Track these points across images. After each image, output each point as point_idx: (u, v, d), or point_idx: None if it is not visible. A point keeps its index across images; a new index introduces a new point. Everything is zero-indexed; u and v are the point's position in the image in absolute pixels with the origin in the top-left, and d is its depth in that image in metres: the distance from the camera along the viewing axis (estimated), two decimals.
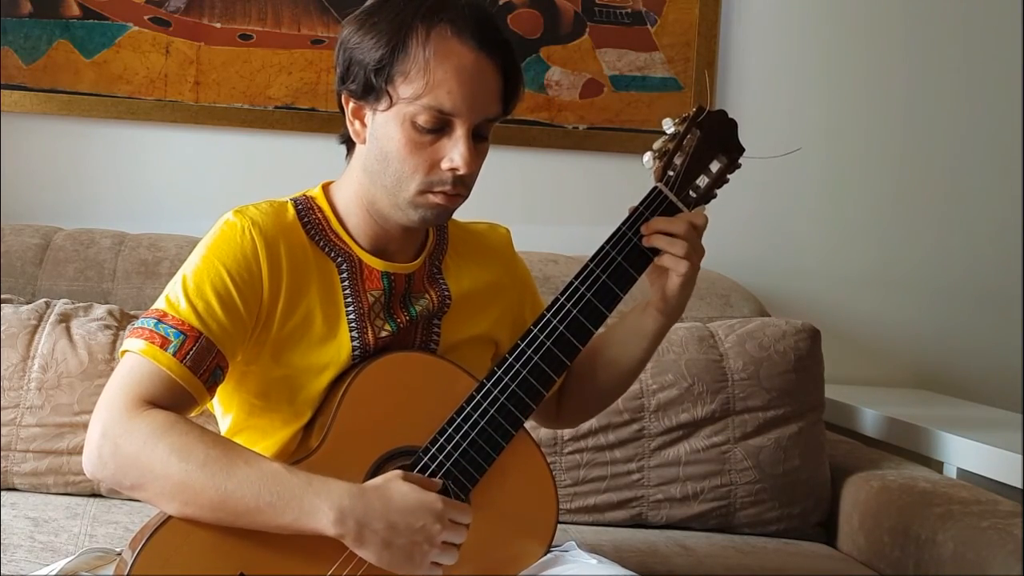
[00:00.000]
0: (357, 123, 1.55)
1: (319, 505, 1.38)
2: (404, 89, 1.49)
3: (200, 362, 1.46)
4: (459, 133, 1.50)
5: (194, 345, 1.46)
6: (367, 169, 1.55)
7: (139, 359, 1.46)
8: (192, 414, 1.51)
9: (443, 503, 1.43)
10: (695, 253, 1.59)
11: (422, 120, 1.50)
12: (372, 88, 1.50)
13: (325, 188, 1.64)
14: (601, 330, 1.60)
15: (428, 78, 1.48)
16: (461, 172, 1.51)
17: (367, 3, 1.56)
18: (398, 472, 1.45)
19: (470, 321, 1.65)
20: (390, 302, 1.59)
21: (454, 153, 1.50)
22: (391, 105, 1.50)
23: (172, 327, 1.47)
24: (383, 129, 1.52)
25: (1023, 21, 2.95)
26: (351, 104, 1.54)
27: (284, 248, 1.54)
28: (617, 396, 1.79)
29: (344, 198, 1.60)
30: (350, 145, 1.61)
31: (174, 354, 1.45)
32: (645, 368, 2.24)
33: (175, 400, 1.46)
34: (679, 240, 1.56)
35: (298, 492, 1.39)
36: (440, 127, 1.50)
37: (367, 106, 1.53)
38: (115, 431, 1.42)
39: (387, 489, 1.41)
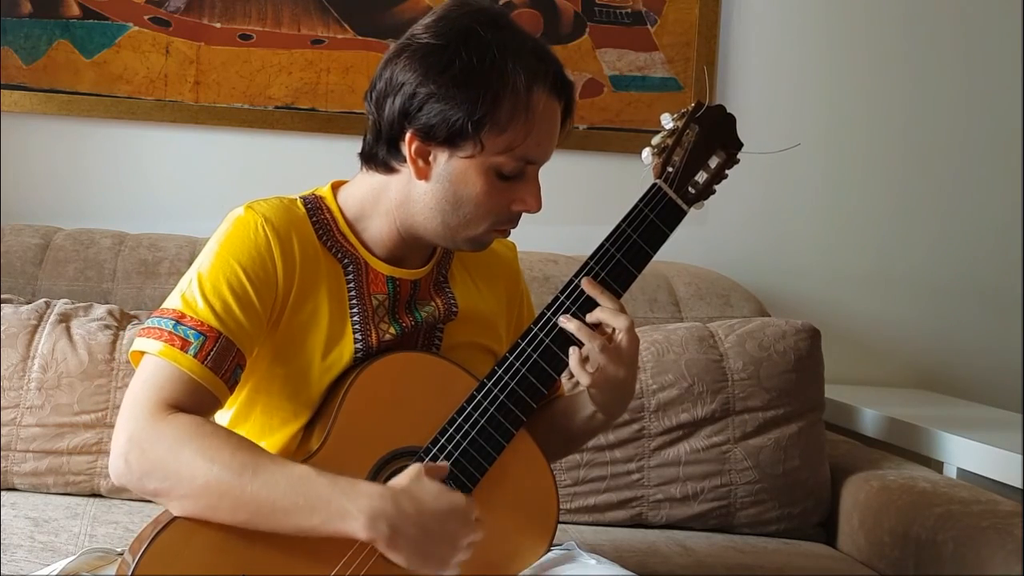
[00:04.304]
0: (420, 161, 1.52)
1: (348, 508, 1.38)
2: (495, 140, 1.49)
3: (221, 362, 1.46)
4: (533, 176, 1.54)
5: (214, 346, 1.46)
6: (427, 205, 1.53)
7: (160, 362, 1.46)
8: (215, 414, 1.51)
9: (469, 504, 1.43)
10: (616, 359, 1.53)
11: (507, 169, 1.51)
12: (459, 136, 1.49)
13: (335, 188, 1.63)
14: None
15: (525, 133, 1.49)
16: (534, 212, 1.55)
17: (425, 37, 1.52)
18: (419, 468, 1.44)
19: (473, 331, 1.65)
20: (395, 306, 1.59)
21: (528, 196, 1.54)
22: (476, 154, 1.50)
23: (191, 328, 1.46)
24: (461, 175, 1.51)
25: (1023, 21, 2.95)
26: (415, 143, 1.51)
27: (296, 244, 1.54)
28: (555, 460, 1.72)
29: (359, 205, 1.59)
30: (370, 159, 1.58)
31: (195, 355, 1.45)
32: (645, 368, 2.27)
33: (198, 402, 1.45)
34: (595, 340, 1.52)
35: (326, 494, 1.38)
36: (520, 173, 1.52)
37: (441, 149, 1.51)
38: (141, 436, 1.41)
39: (418, 491, 1.41)
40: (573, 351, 1.53)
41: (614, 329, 1.53)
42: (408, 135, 1.51)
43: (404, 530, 1.38)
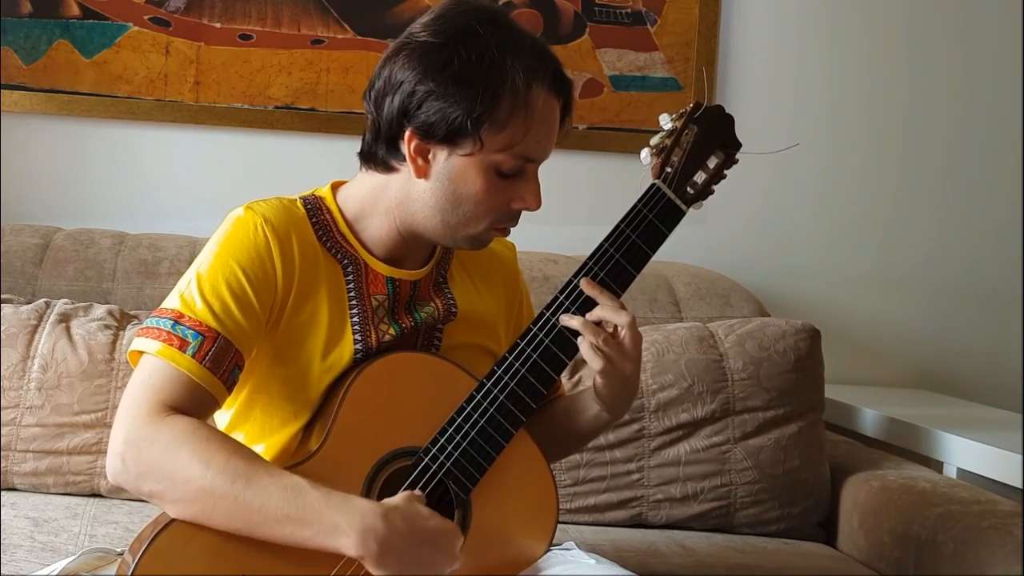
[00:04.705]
0: (420, 159, 1.52)
1: (340, 523, 1.37)
2: (495, 138, 1.49)
3: (219, 362, 1.46)
4: (532, 174, 1.54)
5: (212, 346, 1.46)
6: (427, 204, 1.54)
7: (158, 362, 1.45)
8: (212, 414, 1.51)
9: (457, 531, 1.44)
10: (619, 355, 1.54)
11: (507, 167, 1.51)
12: (459, 134, 1.49)
13: (334, 188, 1.63)
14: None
15: (524, 130, 1.50)
16: (534, 210, 1.55)
17: (424, 36, 1.52)
18: (412, 494, 1.44)
19: (472, 332, 1.65)
20: (394, 307, 1.59)
21: (527, 194, 1.54)
22: (475, 152, 1.50)
23: (190, 328, 1.46)
24: (460, 173, 1.51)
25: (1023, 21, 2.95)
26: (415, 141, 1.51)
27: (296, 245, 1.54)
28: (556, 460, 1.73)
29: (359, 205, 1.59)
30: (369, 159, 1.58)
31: (193, 355, 1.45)
32: (645, 368, 2.27)
33: (196, 402, 1.45)
34: (599, 336, 1.53)
35: (318, 508, 1.38)
36: (519, 171, 1.52)
37: (440, 147, 1.51)
38: (137, 437, 1.41)
39: (409, 510, 1.41)
40: (582, 340, 1.53)
41: (616, 326, 1.54)
42: (407, 133, 1.51)
43: (393, 548, 1.38)
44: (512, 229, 1.74)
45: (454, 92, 1.48)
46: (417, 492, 1.46)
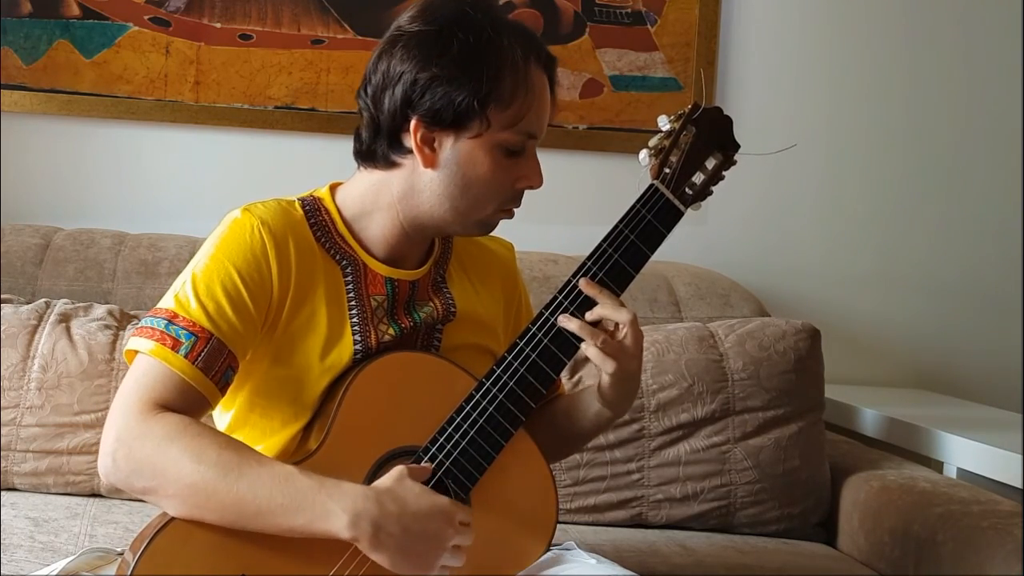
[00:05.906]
0: (427, 149, 1.53)
1: (332, 508, 1.38)
2: (501, 116, 1.51)
3: (212, 363, 1.46)
4: (532, 153, 1.56)
5: (205, 346, 1.46)
6: (435, 192, 1.54)
7: (151, 361, 1.46)
8: (205, 415, 1.51)
9: (453, 506, 1.43)
10: (621, 353, 1.55)
11: (512, 144, 1.53)
12: (466, 116, 1.50)
13: (332, 189, 1.63)
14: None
15: (527, 106, 1.52)
16: (537, 188, 1.56)
17: (416, 26, 1.53)
18: (403, 469, 1.44)
19: (472, 332, 1.65)
20: (393, 307, 1.59)
21: (530, 172, 1.56)
22: (482, 133, 1.51)
23: (183, 328, 1.46)
24: (468, 156, 1.52)
25: (1023, 20, 2.95)
26: (421, 131, 1.52)
27: (293, 247, 1.54)
28: (556, 459, 1.74)
29: (359, 204, 1.59)
30: (369, 156, 1.58)
31: (185, 356, 1.45)
32: (645, 368, 2.27)
33: (188, 402, 1.46)
34: (597, 337, 1.53)
35: (310, 494, 1.38)
36: (522, 150, 1.54)
37: (446, 133, 1.52)
38: (129, 435, 1.42)
39: (400, 491, 1.41)
40: (589, 346, 1.53)
41: (617, 325, 1.54)
42: (413, 123, 1.52)
43: (387, 529, 1.38)
44: (512, 230, 1.75)
45: (458, 75, 1.49)
46: (410, 466, 1.45)
